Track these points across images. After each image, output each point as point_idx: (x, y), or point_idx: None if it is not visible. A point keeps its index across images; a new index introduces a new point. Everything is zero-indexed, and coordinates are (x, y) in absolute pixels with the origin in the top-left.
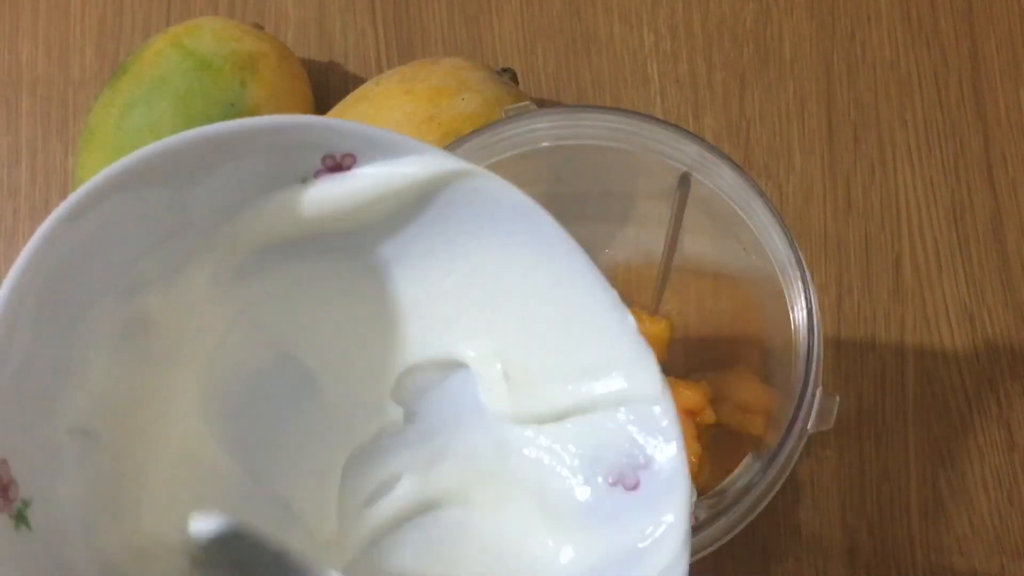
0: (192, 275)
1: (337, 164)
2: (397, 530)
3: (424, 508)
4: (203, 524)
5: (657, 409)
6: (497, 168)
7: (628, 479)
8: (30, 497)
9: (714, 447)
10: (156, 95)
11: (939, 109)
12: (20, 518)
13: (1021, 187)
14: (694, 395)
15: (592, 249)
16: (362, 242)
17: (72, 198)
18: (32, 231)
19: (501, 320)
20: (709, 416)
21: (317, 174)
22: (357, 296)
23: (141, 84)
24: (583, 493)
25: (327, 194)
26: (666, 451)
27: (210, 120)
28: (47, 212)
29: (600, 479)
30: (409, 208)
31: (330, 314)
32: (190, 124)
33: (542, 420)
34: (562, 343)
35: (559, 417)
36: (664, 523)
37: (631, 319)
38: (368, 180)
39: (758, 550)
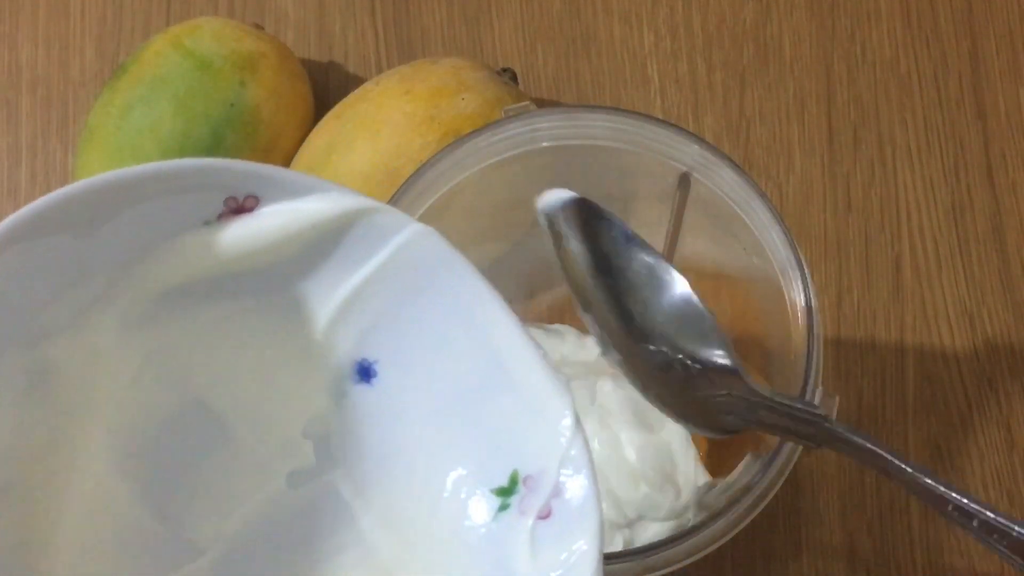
0: (97, 322)
1: (240, 206)
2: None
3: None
4: None
5: (566, 440)
6: (497, 168)
7: (541, 509)
8: None
9: (714, 446)
10: (156, 95)
11: (939, 109)
12: None
13: (1021, 187)
14: None
15: None
16: (271, 282)
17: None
18: None
19: (410, 359)
20: None
21: (220, 216)
22: (269, 336)
23: (141, 84)
24: (498, 523)
25: (231, 236)
26: (576, 480)
27: (210, 120)
28: None
29: (514, 509)
30: (317, 247)
31: (240, 356)
32: (190, 124)
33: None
34: (468, 378)
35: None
36: (577, 551)
37: (543, 353)
38: (272, 220)
39: (758, 550)
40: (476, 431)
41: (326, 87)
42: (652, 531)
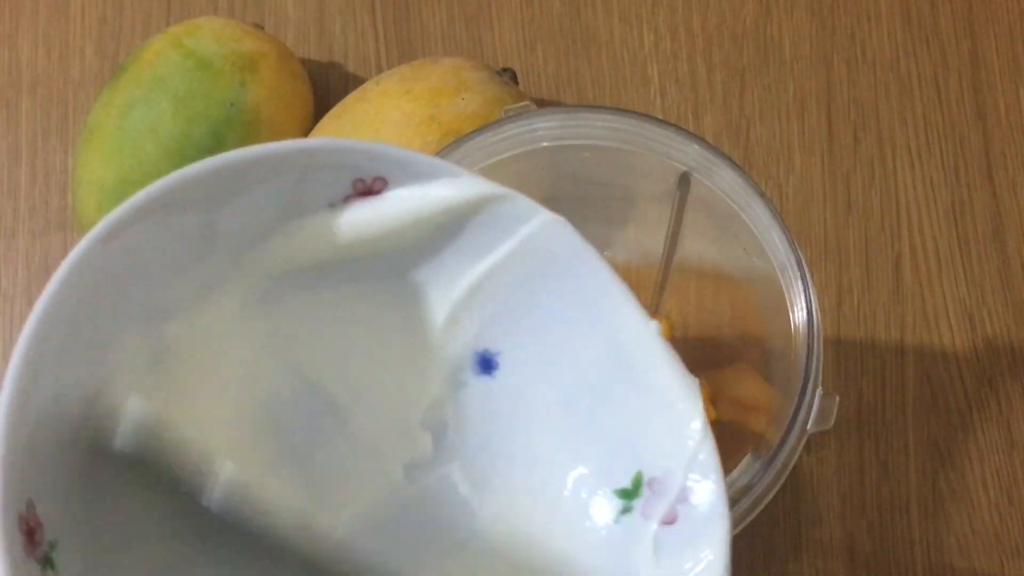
0: (220, 301)
1: (368, 188)
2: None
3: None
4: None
5: (694, 443)
6: (497, 168)
7: (666, 514)
8: (56, 540)
9: (716, 444)
10: (156, 95)
11: (939, 109)
12: (47, 562)
13: (1021, 187)
14: None
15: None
16: (394, 268)
17: (107, 219)
18: (32, 231)
19: (534, 351)
20: (709, 413)
21: (347, 198)
22: (387, 322)
23: (141, 84)
24: (621, 526)
25: (358, 219)
26: (704, 486)
27: (210, 120)
28: (47, 212)
29: (637, 512)
30: (443, 233)
31: (358, 341)
32: (190, 124)
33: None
34: (593, 374)
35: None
36: (703, 559)
37: (673, 352)
38: (400, 204)
39: (758, 550)
40: (599, 429)
41: (326, 87)
42: None
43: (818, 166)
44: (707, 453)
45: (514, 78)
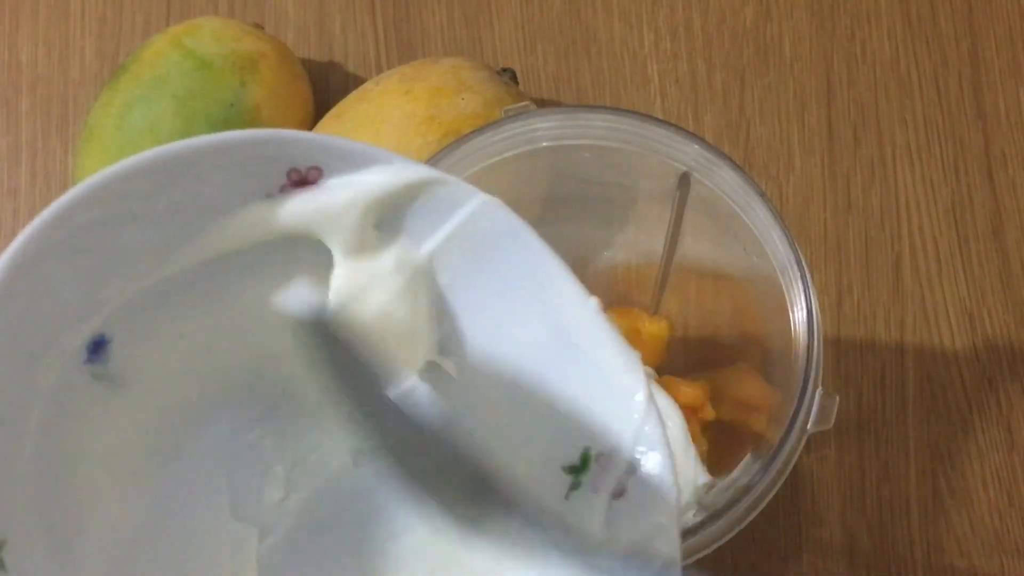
0: (155, 295)
1: (303, 178)
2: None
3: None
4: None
5: (639, 416)
6: (497, 168)
7: (615, 487)
8: (4, 538)
9: (716, 444)
10: (156, 95)
11: (939, 109)
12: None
13: (1021, 187)
14: (694, 392)
15: (592, 249)
16: (332, 256)
17: (51, 210)
18: None
19: (479, 333)
20: (709, 412)
21: (283, 188)
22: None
23: (141, 84)
24: (572, 502)
25: (294, 210)
26: (652, 457)
27: (210, 120)
28: None
29: (586, 487)
30: (382, 218)
31: (303, 327)
32: (190, 124)
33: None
34: (538, 353)
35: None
36: (654, 526)
37: (613, 325)
38: (336, 193)
39: (758, 550)
40: (546, 408)
41: (326, 87)
42: None
43: (818, 166)
44: (652, 425)
45: (514, 78)
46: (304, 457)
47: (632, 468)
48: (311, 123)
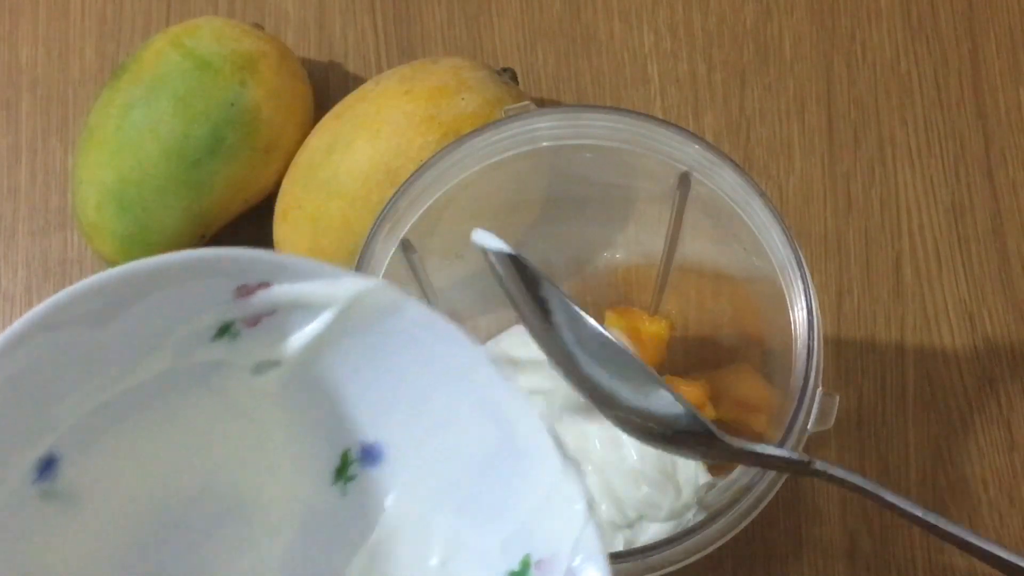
0: (106, 412)
1: (251, 293)
2: None
3: None
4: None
5: (579, 525)
6: (497, 168)
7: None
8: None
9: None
10: (156, 95)
11: (939, 109)
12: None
13: (1021, 187)
14: (694, 391)
15: (592, 249)
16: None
17: (2, 338)
18: (32, 231)
19: (418, 437)
20: (709, 412)
21: (231, 305)
22: (272, 419)
23: (141, 84)
24: None
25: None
26: (589, 569)
27: (210, 120)
28: (47, 212)
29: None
30: (328, 330)
31: (245, 439)
32: (190, 124)
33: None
34: (477, 458)
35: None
36: None
37: (552, 431)
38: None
39: (758, 550)
40: (487, 513)
41: (326, 87)
42: (653, 531)
43: (818, 166)
44: (591, 535)
45: (514, 78)
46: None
47: (571, 575)
48: (311, 123)
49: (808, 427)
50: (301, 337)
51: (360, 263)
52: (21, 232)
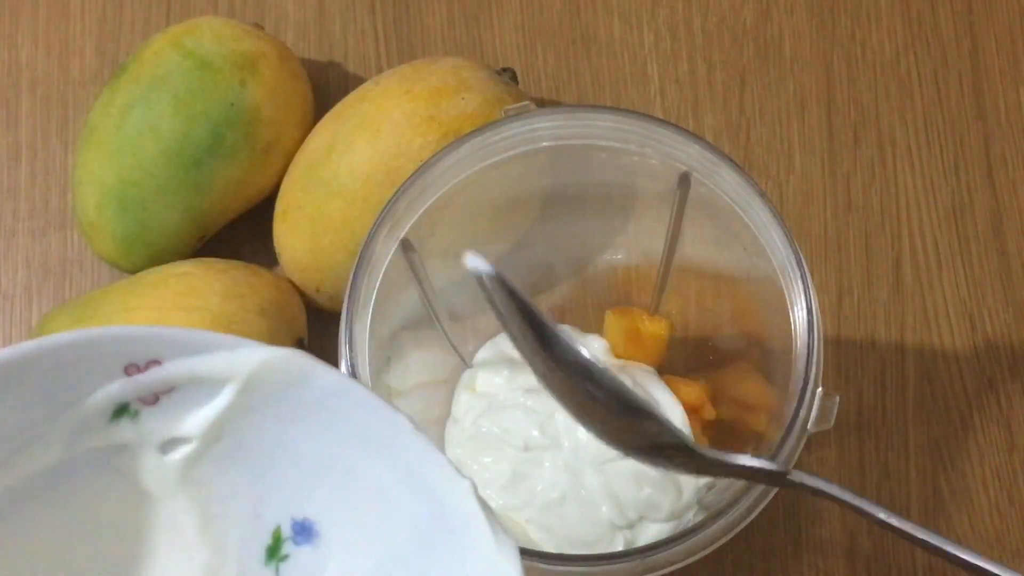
0: None
1: (141, 372)
2: None
3: None
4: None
5: None
6: (497, 168)
7: None
8: None
9: (716, 444)
10: (156, 95)
11: (939, 109)
12: None
13: (1021, 187)
14: (694, 391)
15: (592, 249)
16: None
17: None
18: (32, 231)
19: (349, 512)
20: (709, 412)
21: (121, 385)
22: (185, 496)
23: (141, 84)
24: None
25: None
26: None
27: (210, 120)
28: (47, 212)
29: None
30: (234, 404)
31: (154, 521)
32: (190, 124)
33: None
34: (409, 532)
35: None
36: None
37: (484, 506)
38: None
39: (758, 550)
40: None
41: (326, 87)
42: (653, 531)
43: (818, 166)
44: None
45: (514, 78)
46: None
47: None
48: (311, 123)
49: (808, 427)
50: (206, 413)
51: (360, 263)
52: (21, 232)
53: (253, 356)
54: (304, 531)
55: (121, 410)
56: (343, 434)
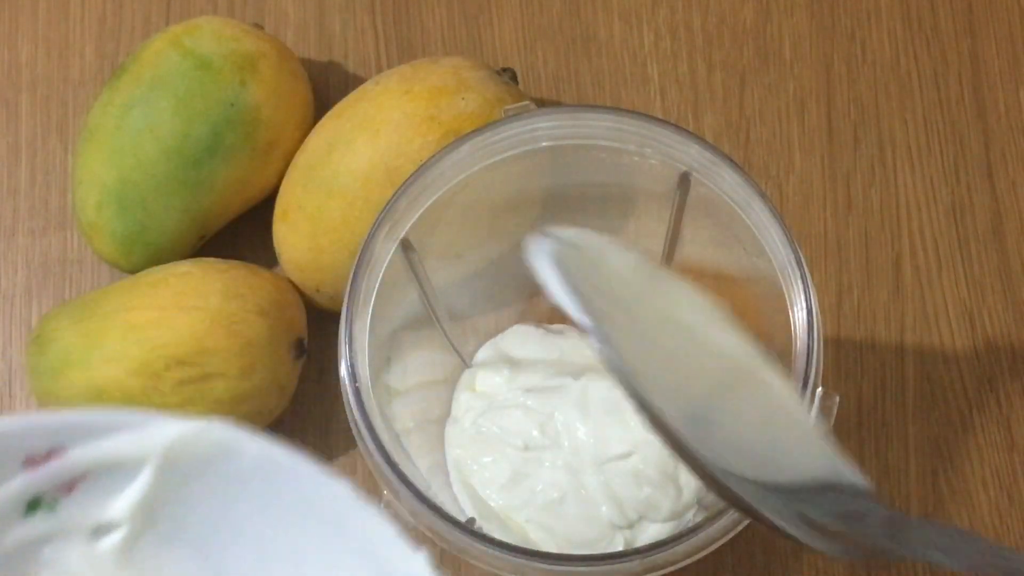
0: None
1: (43, 463)
2: None
3: None
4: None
5: None
6: (497, 168)
7: None
8: None
9: None
10: (156, 95)
11: (939, 109)
12: None
13: (1021, 187)
14: None
15: None
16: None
17: None
18: (32, 231)
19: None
20: None
21: (22, 479)
22: None
23: (141, 84)
24: None
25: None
26: None
27: (210, 120)
28: (47, 212)
29: None
30: (156, 484)
31: None
32: (190, 124)
33: None
34: None
35: None
36: None
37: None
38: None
39: (758, 550)
40: None
41: (326, 87)
42: (653, 531)
43: (818, 166)
44: None
45: (514, 78)
46: None
47: None
48: (311, 123)
49: None
50: (130, 495)
51: (360, 263)
52: (21, 232)
53: (165, 433)
54: None
55: (35, 503)
56: (283, 508)
